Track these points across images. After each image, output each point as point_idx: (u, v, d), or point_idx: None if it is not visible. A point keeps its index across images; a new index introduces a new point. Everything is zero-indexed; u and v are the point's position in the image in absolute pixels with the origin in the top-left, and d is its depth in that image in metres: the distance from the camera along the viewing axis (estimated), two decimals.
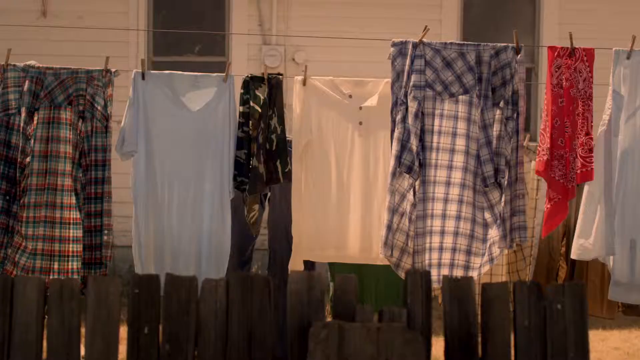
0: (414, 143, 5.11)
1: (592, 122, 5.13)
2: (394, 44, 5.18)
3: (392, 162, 5.13)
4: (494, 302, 2.85)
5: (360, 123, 5.55)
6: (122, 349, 2.87)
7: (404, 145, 5.11)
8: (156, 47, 9.53)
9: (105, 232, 5.37)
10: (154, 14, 9.53)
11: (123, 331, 2.89)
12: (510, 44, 5.14)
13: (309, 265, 6.13)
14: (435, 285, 5.21)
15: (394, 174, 5.14)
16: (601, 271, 5.60)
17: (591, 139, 5.11)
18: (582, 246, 5.19)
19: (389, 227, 5.15)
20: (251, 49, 9.45)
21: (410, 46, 5.17)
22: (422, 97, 5.14)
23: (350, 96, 5.56)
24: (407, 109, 5.12)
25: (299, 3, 9.51)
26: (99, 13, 9.27)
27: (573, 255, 5.26)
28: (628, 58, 5.17)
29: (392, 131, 5.15)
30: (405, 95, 5.13)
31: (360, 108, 5.54)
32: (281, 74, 5.66)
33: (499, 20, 9.74)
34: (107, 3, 9.37)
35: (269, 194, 6.13)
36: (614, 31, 9.20)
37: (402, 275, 5.20)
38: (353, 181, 5.57)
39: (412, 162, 5.12)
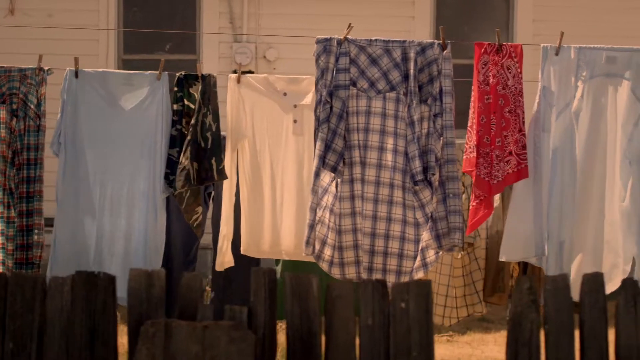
0: (338, 143, 5.07)
1: (523, 118, 5.06)
2: (318, 41, 5.15)
3: (315, 162, 5.10)
4: (338, 300, 2.81)
5: (295, 121, 5.52)
6: None
7: (328, 146, 5.07)
8: (126, 45, 9.54)
9: (36, 231, 5.37)
10: (125, 12, 9.54)
11: None
12: (436, 40, 5.09)
13: (253, 262, 6.12)
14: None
15: (317, 174, 5.11)
16: None
17: (524, 135, 5.05)
18: (511, 246, 5.12)
19: (312, 227, 5.13)
20: (222, 47, 9.44)
21: (334, 43, 5.13)
22: (347, 96, 5.10)
23: (284, 94, 5.54)
24: (331, 107, 5.09)
25: (271, 0, 9.48)
26: (69, 11, 9.28)
27: (501, 257, 5.18)
28: (557, 54, 5.10)
29: (316, 130, 5.11)
30: (330, 94, 5.09)
31: (295, 106, 5.52)
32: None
33: (472, 17, 9.67)
34: (76, 1, 9.38)
35: (213, 193, 6.13)
36: (588, 28, 9.14)
37: (324, 267, 5.18)
38: (287, 178, 5.55)
39: (337, 162, 5.08)
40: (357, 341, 2.82)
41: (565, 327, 2.78)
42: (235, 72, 5.44)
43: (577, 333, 2.80)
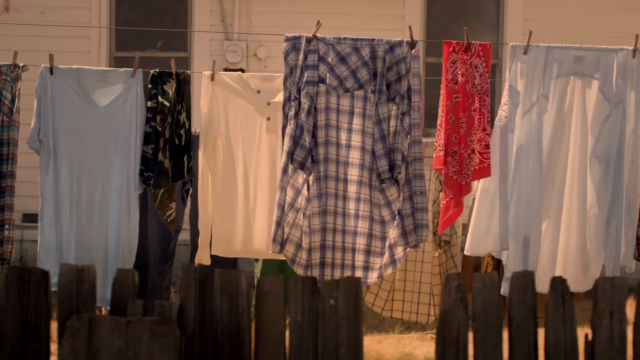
0: (306, 139, 5.09)
1: (489, 117, 5.06)
2: (287, 39, 5.17)
3: (283, 158, 5.11)
4: (268, 296, 2.82)
5: (269, 119, 5.53)
6: None
7: (296, 142, 5.09)
8: (118, 43, 9.57)
9: (7, 227, 5.41)
10: (116, 9, 9.57)
11: None
12: (405, 39, 5.10)
13: (231, 262, 6.14)
14: None
15: (285, 170, 5.12)
16: None
17: (488, 134, 5.05)
18: (476, 241, 5.13)
19: (278, 223, 5.14)
20: (213, 45, 9.46)
21: (303, 41, 5.15)
22: (316, 93, 5.11)
23: (258, 91, 5.55)
24: (300, 104, 5.10)
25: None
26: (61, 8, 9.32)
27: (466, 251, 5.20)
28: (525, 53, 5.10)
29: (284, 127, 5.13)
30: (299, 91, 5.10)
31: (269, 104, 5.53)
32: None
33: (463, 16, 9.65)
34: None
35: (190, 190, 6.15)
36: (578, 28, 9.12)
37: (299, 271, 5.20)
38: (260, 177, 5.56)
39: (305, 158, 5.09)
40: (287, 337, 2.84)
41: (493, 325, 2.79)
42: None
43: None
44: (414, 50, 5.07)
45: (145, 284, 6.07)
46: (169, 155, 5.44)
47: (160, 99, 5.48)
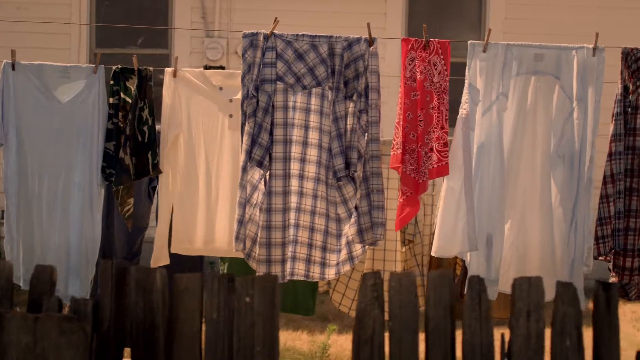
0: (264, 137, 5.07)
1: (446, 115, 5.03)
2: (244, 36, 5.14)
3: (242, 156, 5.09)
4: (184, 293, 2.80)
5: (231, 116, 5.51)
6: None
7: (254, 140, 5.07)
8: (98, 39, 9.56)
9: None
10: (97, 5, 9.56)
11: None
12: (363, 36, 5.07)
13: (197, 261, 6.11)
14: (288, 278, 5.18)
15: (244, 169, 5.10)
16: None
17: (446, 133, 5.02)
18: (443, 242, 5.08)
19: (240, 222, 5.12)
20: (194, 42, 9.44)
21: (261, 38, 5.12)
22: (273, 91, 5.09)
23: (220, 88, 5.53)
24: (257, 102, 5.08)
25: None
26: (42, 4, 9.32)
27: (433, 252, 5.15)
28: (484, 51, 5.06)
29: (243, 124, 5.11)
30: (256, 89, 5.08)
31: (231, 100, 5.51)
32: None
33: (444, 14, 9.62)
34: None
35: (157, 187, 6.13)
36: (561, 26, 9.08)
37: (254, 266, 5.18)
38: (222, 174, 5.54)
39: (263, 156, 5.07)
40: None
41: (409, 325, 2.77)
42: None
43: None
44: (372, 47, 5.04)
45: None
46: (130, 152, 5.42)
47: (122, 95, 5.47)
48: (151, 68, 5.55)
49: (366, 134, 5.02)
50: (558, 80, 5.06)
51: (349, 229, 5.05)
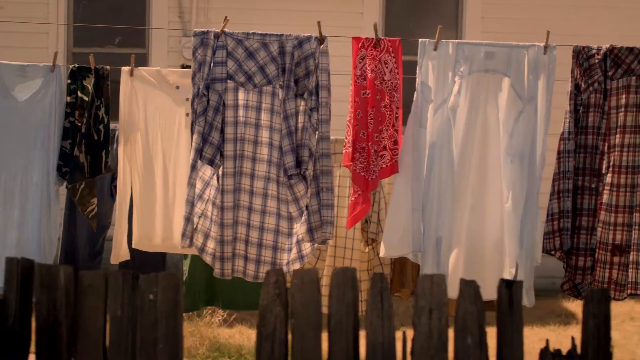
0: (215, 136, 5.07)
1: (397, 114, 5.02)
2: (195, 34, 5.15)
3: (192, 155, 5.09)
4: (89, 290, 2.80)
5: (187, 114, 5.51)
6: None
7: (205, 139, 5.07)
8: (76, 39, 9.58)
9: None
10: (74, 5, 9.57)
11: None
12: (313, 34, 5.06)
13: (160, 255, 6.13)
14: (236, 275, 5.18)
15: (193, 167, 5.10)
16: None
17: (397, 131, 5.01)
18: (389, 242, 5.06)
19: (187, 219, 5.13)
20: (171, 41, 9.46)
21: (212, 36, 5.12)
22: (224, 89, 5.09)
23: (177, 87, 5.53)
24: (208, 101, 5.08)
25: None
26: (20, 3, 9.34)
27: (381, 253, 5.14)
28: (435, 49, 5.05)
29: (193, 123, 5.11)
30: (207, 88, 5.08)
31: (188, 99, 5.50)
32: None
33: (421, 14, 9.61)
34: None
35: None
36: (538, 25, 9.04)
37: (208, 260, 5.17)
38: (179, 172, 5.55)
39: (214, 155, 5.08)
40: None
41: (312, 322, 2.76)
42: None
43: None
44: (322, 46, 5.04)
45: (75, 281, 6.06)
46: (85, 150, 5.43)
47: (79, 94, 5.48)
48: (108, 67, 5.57)
49: (317, 132, 5.02)
50: (509, 79, 5.04)
51: (300, 228, 5.05)
